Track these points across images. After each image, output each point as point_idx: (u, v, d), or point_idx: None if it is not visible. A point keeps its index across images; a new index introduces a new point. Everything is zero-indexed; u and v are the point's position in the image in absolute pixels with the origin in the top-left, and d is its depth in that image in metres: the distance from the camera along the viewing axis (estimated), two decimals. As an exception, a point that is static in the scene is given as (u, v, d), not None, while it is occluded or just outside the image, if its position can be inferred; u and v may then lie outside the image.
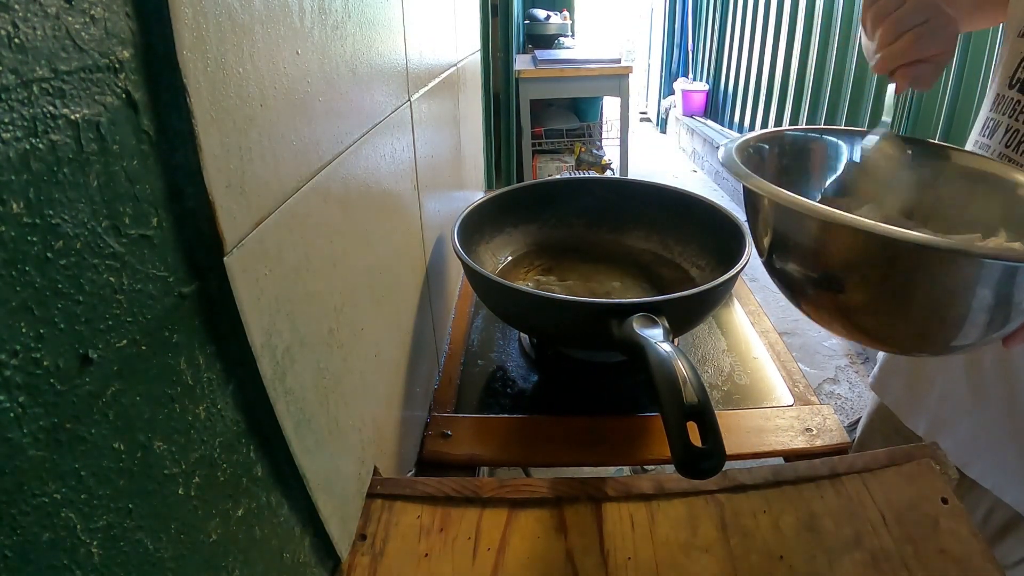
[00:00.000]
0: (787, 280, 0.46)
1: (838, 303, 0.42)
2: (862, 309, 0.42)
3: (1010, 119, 0.53)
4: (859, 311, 0.42)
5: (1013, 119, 0.52)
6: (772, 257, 0.46)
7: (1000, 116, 0.54)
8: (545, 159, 2.86)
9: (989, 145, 0.55)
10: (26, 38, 0.17)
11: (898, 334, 0.43)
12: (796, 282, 0.45)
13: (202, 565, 0.27)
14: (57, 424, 0.19)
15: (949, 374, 0.61)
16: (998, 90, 0.55)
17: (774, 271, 0.47)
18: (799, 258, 0.43)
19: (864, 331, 0.44)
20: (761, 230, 0.47)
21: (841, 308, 0.43)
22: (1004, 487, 0.58)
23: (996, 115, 0.55)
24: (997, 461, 0.58)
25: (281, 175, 0.32)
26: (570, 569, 0.42)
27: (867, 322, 0.43)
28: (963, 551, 0.42)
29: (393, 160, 0.53)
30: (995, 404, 0.58)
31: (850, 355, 2.05)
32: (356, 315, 0.44)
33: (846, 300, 0.42)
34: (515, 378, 0.71)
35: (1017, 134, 0.52)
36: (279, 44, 0.31)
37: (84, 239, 0.20)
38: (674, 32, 4.62)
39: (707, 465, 0.37)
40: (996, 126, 0.54)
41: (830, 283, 0.41)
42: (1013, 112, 0.53)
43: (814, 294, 0.44)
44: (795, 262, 0.44)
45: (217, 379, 0.28)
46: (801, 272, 0.43)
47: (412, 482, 0.48)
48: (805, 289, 0.44)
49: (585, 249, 0.84)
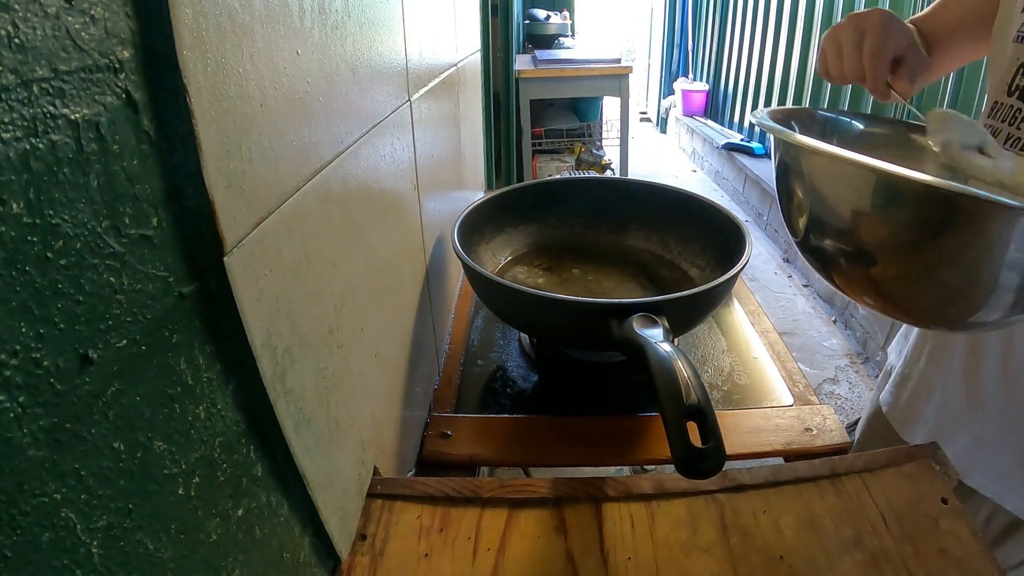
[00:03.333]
0: (822, 246, 0.44)
1: (873, 267, 0.41)
2: (896, 272, 0.41)
3: (1010, 127, 0.53)
4: (892, 274, 0.41)
5: (1014, 127, 0.52)
6: (809, 223, 0.44)
7: (999, 124, 0.54)
8: (545, 159, 2.86)
9: None
10: (26, 38, 0.17)
11: (925, 300, 0.42)
12: (831, 247, 0.43)
13: (202, 565, 0.27)
14: (57, 424, 0.19)
15: (948, 384, 0.61)
16: (996, 97, 0.55)
17: (808, 239, 0.46)
18: (837, 219, 0.42)
19: (892, 298, 0.43)
20: (799, 195, 0.45)
21: (875, 273, 0.42)
22: (1005, 496, 0.58)
23: (995, 122, 0.55)
24: (997, 471, 0.58)
25: (281, 175, 0.32)
26: (570, 569, 0.42)
27: (897, 288, 0.42)
28: (963, 551, 0.42)
29: (393, 160, 0.53)
30: (994, 415, 0.58)
31: (850, 355, 2.05)
32: (356, 315, 0.44)
33: (882, 263, 0.41)
34: (515, 378, 0.71)
35: (1019, 142, 0.52)
36: (279, 44, 0.31)
37: (84, 239, 0.20)
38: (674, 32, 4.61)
39: (707, 465, 0.37)
40: (995, 134, 0.54)
41: (867, 246, 0.40)
42: (1013, 120, 0.53)
43: (849, 260, 0.43)
44: (833, 224, 0.43)
45: (217, 379, 0.28)
46: (838, 233, 0.42)
47: (412, 482, 0.48)
48: (840, 255, 0.43)
49: (585, 249, 0.84)
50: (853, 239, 0.42)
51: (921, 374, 0.64)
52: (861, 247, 0.42)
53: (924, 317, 0.46)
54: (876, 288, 0.43)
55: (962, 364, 0.59)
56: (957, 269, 0.38)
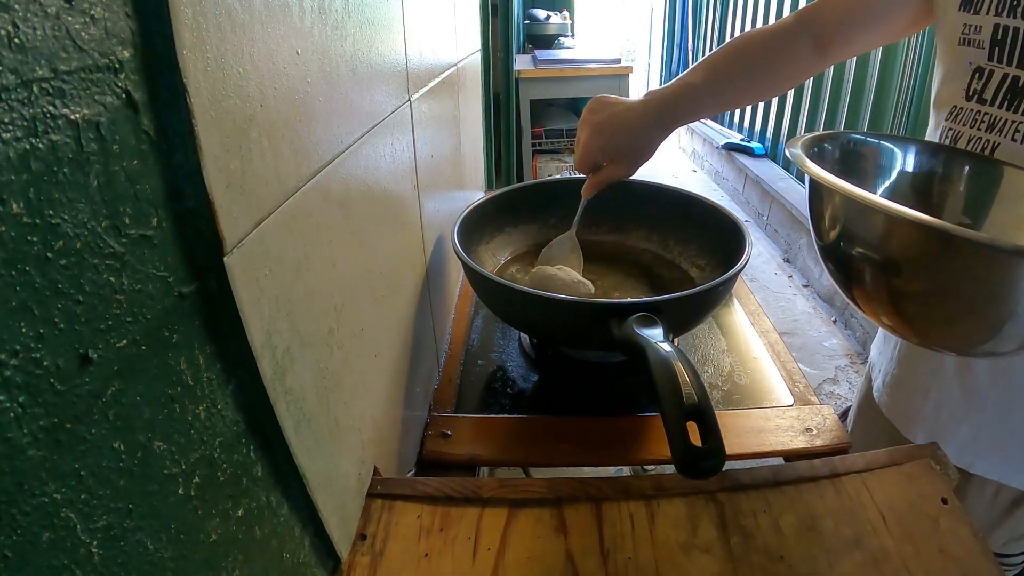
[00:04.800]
0: (844, 266, 0.47)
1: (892, 292, 0.44)
2: (913, 300, 0.44)
3: (971, 129, 0.54)
4: (910, 301, 0.44)
5: (974, 128, 0.54)
6: (837, 244, 0.47)
7: (960, 127, 0.55)
8: (545, 159, 2.86)
9: None
10: (26, 38, 0.17)
11: (941, 330, 0.45)
12: (855, 269, 0.46)
13: (202, 565, 0.27)
14: (57, 424, 0.19)
15: (942, 384, 0.61)
16: (954, 102, 0.56)
17: (831, 257, 0.48)
18: (863, 246, 0.45)
19: (910, 323, 0.46)
20: (828, 222, 0.48)
21: (894, 297, 0.45)
22: (1011, 476, 0.59)
23: (956, 125, 0.56)
24: (999, 455, 0.59)
25: (281, 175, 0.32)
26: (570, 569, 0.42)
27: (915, 313, 0.45)
28: (963, 551, 0.42)
29: (393, 160, 0.53)
30: (989, 406, 0.58)
31: (850, 355, 2.05)
32: (356, 315, 0.44)
33: (901, 288, 0.44)
34: (515, 378, 0.71)
35: (980, 141, 0.53)
36: (279, 44, 0.31)
37: (84, 239, 0.20)
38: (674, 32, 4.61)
39: (707, 465, 0.37)
40: (958, 135, 0.55)
41: (889, 272, 0.43)
42: (974, 123, 0.54)
43: (871, 281, 0.45)
44: (859, 250, 0.45)
45: (217, 379, 0.28)
46: (862, 259, 0.45)
47: (412, 482, 0.48)
48: (863, 276, 0.46)
49: (585, 249, 0.84)
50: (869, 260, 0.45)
51: (916, 375, 0.65)
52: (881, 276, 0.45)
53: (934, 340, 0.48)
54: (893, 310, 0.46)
55: (954, 361, 0.60)
56: (963, 302, 0.40)
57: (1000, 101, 0.51)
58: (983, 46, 0.51)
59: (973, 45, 0.52)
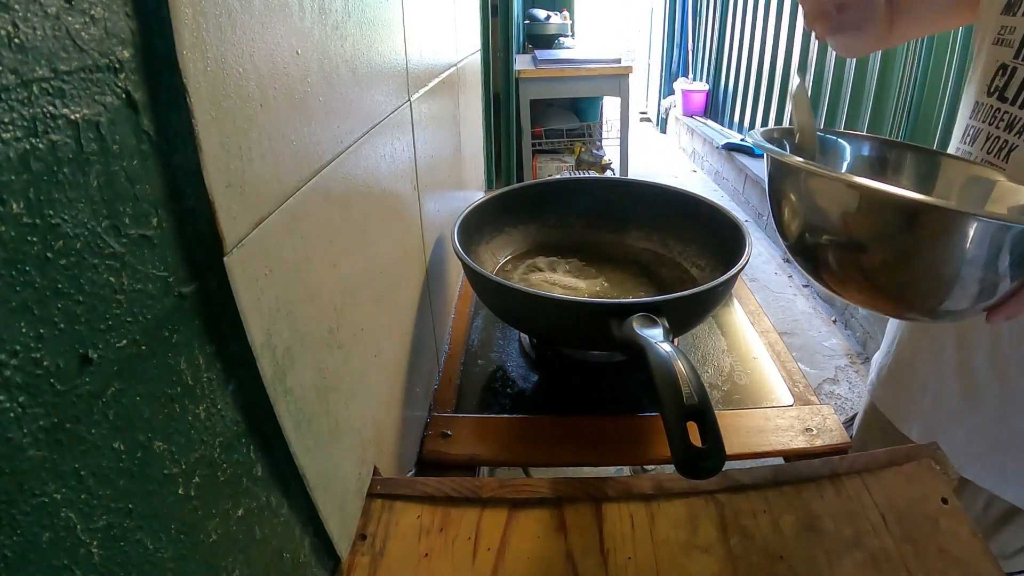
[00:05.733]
0: (809, 248, 0.48)
1: (858, 265, 0.46)
2: (878, 269, 0.46)
3: (990, 126, 0.54)
4: (875, 271, 0.46)
5: (993, 126, 0.54)
6: (799, 230, 0.49)
7: (980, 123, 0.55)
8: (545, 159, 2.86)
9: (971, 152, 0.56)
10: (26, 38, 0.17)
11: (901, 292, 0.46)
12: (819, 248, 0.47)
13: (202, 565, 0.27)
14: (57, 424, 0.19)
15: (941, 378, 0.61)
16: (976, 97, 0.56)
17: (797, 243, 0.49)
18: (826, 222, 0.46)
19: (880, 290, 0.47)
20: (788, 208, 0.50)
21: (861, 270, 0.46)
22: (1003, 488, 0.59)
23: (976, 122, 0.56)
24: (994, 464, 0.59)
25: (281, 175, 0.32)
26: (570, 569, 0.42)
27: (883, 281, 0.46)
28: (963, 551, 0.42)
29: (393, 160, 0.53)
30: (988, 409, 0.58)
31: (850, 355, 2.05)
32: (356, 315, 0.44)
33: (866, 261, 0.45)
34: (515, 378, 0.71)
35: (998, 140, 0.53)
36: (279, 44, 0.31)
37: (84, 239, 0.20)
38: (674, 32, 4.62)
39: (707, 465, 0.37)
40: (977, 133, 0.56)
41: (852, 246, 0.45)
42: (992, 119, 0.54)
43: (836, 259, 0.47)
44: (821, 228, 0.47)
45: (217, 379, 0.28)
46: (825, 236, 0.47)
47: (412, 482, 0.48)
48: (827, 253, 0.47)
49: (585, 249, 0.84)
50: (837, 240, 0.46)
51: (914, 369, 0.65)
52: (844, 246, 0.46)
53: (901, 307, 0.49)
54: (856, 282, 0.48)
55: (953, 357, 0.60)
56: (924, 263, 0.42)
57: (1022, 102, 0.51)
58: (1013, 45, 0.52)
59: (1005, 45, 0.53)
